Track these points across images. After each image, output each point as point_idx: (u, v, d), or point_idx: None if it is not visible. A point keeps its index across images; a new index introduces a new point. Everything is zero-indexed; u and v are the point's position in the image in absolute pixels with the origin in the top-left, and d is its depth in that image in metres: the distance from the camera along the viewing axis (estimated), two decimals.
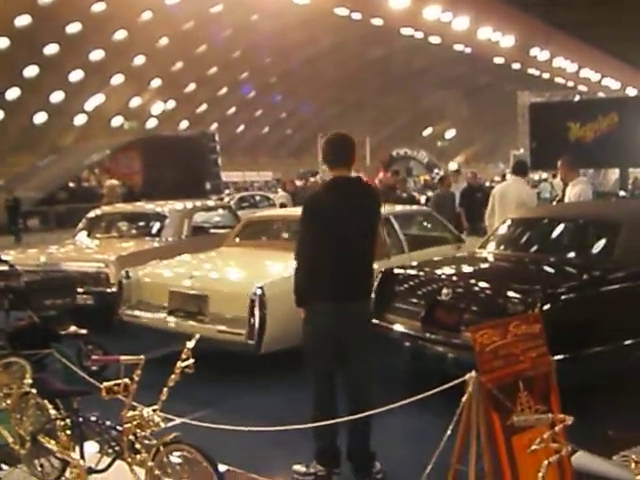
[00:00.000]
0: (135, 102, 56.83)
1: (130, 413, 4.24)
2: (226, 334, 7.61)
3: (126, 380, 4.19)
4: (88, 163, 35.63)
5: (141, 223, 12.30)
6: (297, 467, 5.23)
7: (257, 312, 7.43)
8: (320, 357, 5.24)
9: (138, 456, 4.24)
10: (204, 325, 7.81)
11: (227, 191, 38.94)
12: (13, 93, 48.55)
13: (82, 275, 9.61)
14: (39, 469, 4.98)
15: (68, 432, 4.71)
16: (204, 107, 61.91)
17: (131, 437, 4.25)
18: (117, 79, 53.13)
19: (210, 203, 14.55)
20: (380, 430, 5.29)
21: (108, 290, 9.67)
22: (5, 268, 8.29)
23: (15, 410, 5.11)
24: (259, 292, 7.45)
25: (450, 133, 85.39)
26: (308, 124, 68.80)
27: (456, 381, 4.25)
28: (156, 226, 11.64)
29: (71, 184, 34.46)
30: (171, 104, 59.10)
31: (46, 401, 4.81)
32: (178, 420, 4.56)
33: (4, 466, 5.20)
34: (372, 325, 5.63)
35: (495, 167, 68.02)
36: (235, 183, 54.81)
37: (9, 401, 5.26)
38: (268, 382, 7.59)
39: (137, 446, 4.24)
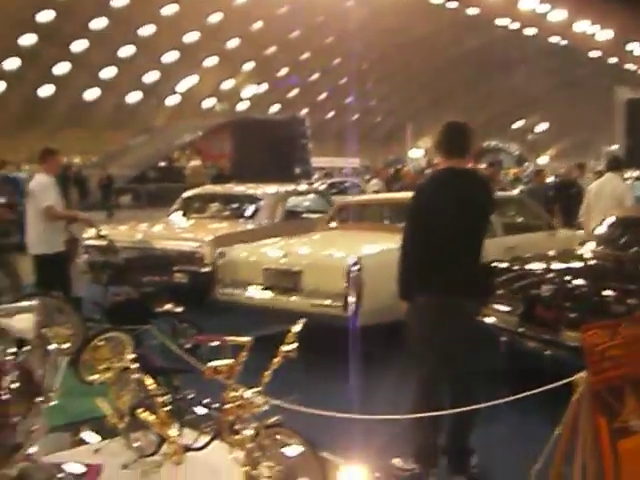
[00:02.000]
0: (227, 85, 57.40)
1: (232, 394, 4.25)
2: (322, 307, 7.72)
3: (231, 361, 4.19)
4: (179, 143, 36.13)
5: (235, 205, 12.39)
6: (396, 461, 5.12)
7: (354, 284, 7.50)
8: (425, 352, 5.08)
9: (237, 437, 4.25)
10: (299, 300, 7.96)
11: (315, 176, 39.01)
12: (109, 72, 49.55)
13: (177, 254, 9.75)
14: (135, 443, 5.05)
15: (167, 408, 4.75)
16: (295, 92, 62.10)
17: (231, 418, 4.26)
18: (210, 61, 53.72)
19: (303, 188, 14.58)
20: (479, 426, 5.19)
21: (202, 270, 9.78)
22: (103, 243, 8.49)
23: (115, 384, 5.18)
24: (356, 264, 7.54)
25: (541, 127, 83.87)
26: (398, 112, 68.45)
27: (565, 380, 4.13)
28: (250, 209, 11.72)
29: (162, 163, 35.01)
30: (263, 87, 59.46)
31: (147, 377, 4.87)
32: (278, 403, 4.52)
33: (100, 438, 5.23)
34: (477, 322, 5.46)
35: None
36: (322, 169, 54.90)
37: (109, 375, 5.34)
38: (362, 365, 7.51)
39: (237, 427, 4.25)
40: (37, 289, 7.72)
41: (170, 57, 51.04)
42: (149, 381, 4.83)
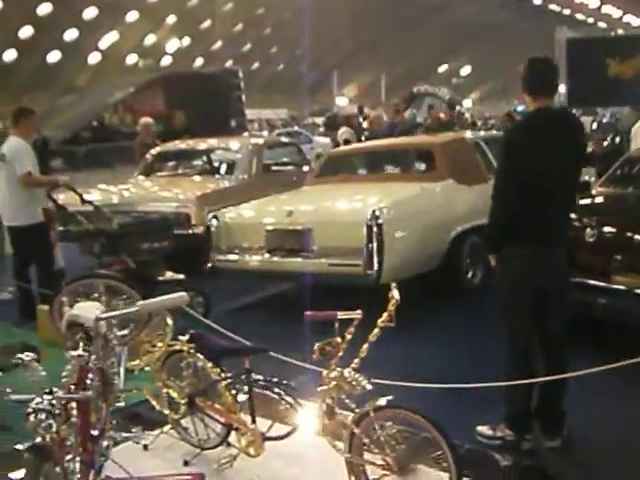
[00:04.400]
0: (150, 40, 55.64)
1: (333, 374, 3.69)
2: (340, 267, 7.21)
3: (338, 339, 3.62)
4: (110, 101, 34.77)
5: (210, 160, 11.70)
6: (482, 429, 4.67)
7: (375, 239, 7.00)
8: (518, 309, 4.62)
9: (338, 421, 3.71)
10: (311, 260, 7.42)
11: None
12: (26, 31, 47.45)
13: (162, 216, 9.02)
14: (194, 435, 4.46)
15: (234, 394, 4.17)
16: (219, 44, 60.67)
17: (330, 402, 3.71)
18: (131, 16, 51.90)
19: (276, 139, 13.91)
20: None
21: (190, 231, 9.13)
22: (89, 209, 7.75)
23: (162, 370, 4.54)
24: (375, 217, 7.04)
25: (465, 70, 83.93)
26: (323, 61, 67.56)
27: None
28: (227, 164, 11.08)
29: (94, 123, 33.71)
30: (186, 41, 57.88)
31: (205, 359, 4.26)
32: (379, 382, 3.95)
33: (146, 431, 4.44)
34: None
35: (508, 105, 67.03)
36: (251, 121, 53.96)
37: (154, 359, 4.70)
38: (425, 330, 7.04)
39: (337, 411, 3.70)
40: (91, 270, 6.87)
41: (89, 13, 49.06)
42: (209, 364, 4.23)
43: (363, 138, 14.63)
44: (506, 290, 4.67)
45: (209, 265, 8.18)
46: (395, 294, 3.80)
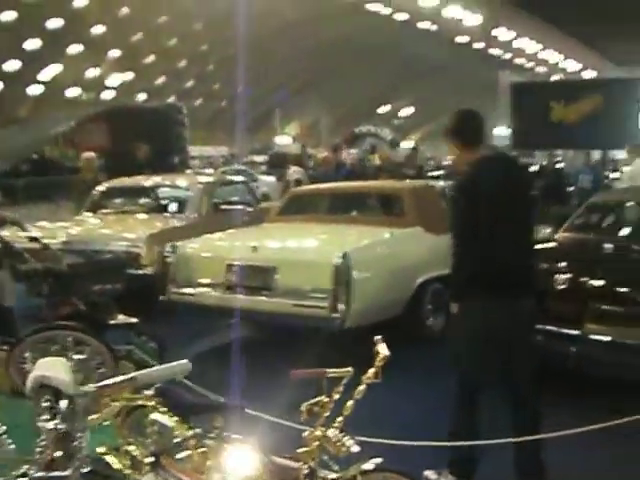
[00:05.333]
0: (92, 73, 55.02)
1: (315, 433, 3.42)
2: (304, 308, 7.02)
3: (325, 398, 3.35)
4: (52, 134, 34.11)
5: (157, 198, 11.38)
6: (428, 473, 4.63)
7: (343, 281, 6.85)
8: (473, 361, 4.56)
9: None
10: (273, 299, 7.24)
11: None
12: None
13: (112, 255, 8.70)
14: None
15: (202, 451, 3.85)
16: (162, 79, 60.31)
17: (312, 464, 3.43)
18: (75, 49, 51.28)
19: (228, 178, 13.65)
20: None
21: (140, 272, 8.79)
22: (36, 247, 7.37)
23: (124, 426, 4.20)
24: (343, 259, 6.91)
25: (406, 111, 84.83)
26: (265, 99, 67.69)
27: None
28: (177, 202, 10.80)
29: (34, 156, 33.02)
30: (129, 76, 57.39)
31: (172, 415, 3.93)
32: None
33: None
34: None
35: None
36: (193, 158, 53.61)
37: (106, 411, 4.34)
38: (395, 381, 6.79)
39: (321, 475, 3.42)
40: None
41: (32, 45, 48.32)
42: (176, 421, 3.90)
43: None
44: (463, 340, 4.62)
45: (163, 298, 7.89)
46: (383, 349, 3.57)
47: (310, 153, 28.47)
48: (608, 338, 5.89)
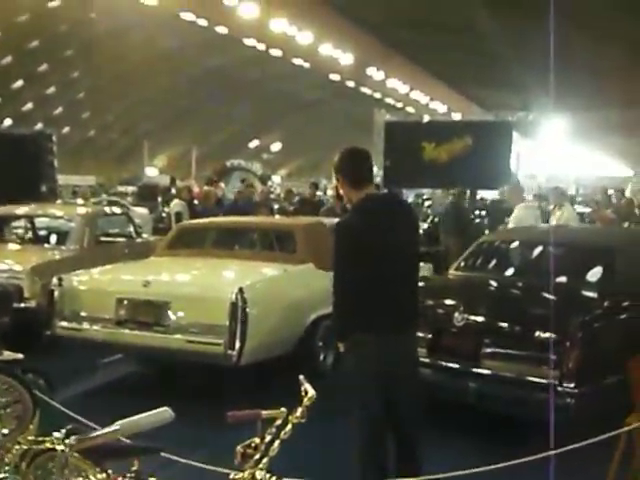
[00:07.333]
0: None
1: (240, 475, 3.32)
2: (199, 344, 6.89)
3: (257, 439, 3.26)
4: None
5: (33, 228, 10.97)
6: None
7: (238, 317, 6.75)
8: (368, 395, 4.58)
9: None
10: (166, 335, 7.06)
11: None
12: None
13: None
14: None
15: None
16: (29, 105, 58.63)
17: None
18: None
19: (110, 209, 13.29)
20: None
21: (22, 305, 8.43)
22: None
23: (28, 471, 3.94)
24: (240, 294, 6.81)
25: (276, 146, 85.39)
26: (134, 129, 66.87)
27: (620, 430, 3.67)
28: (57, 233, 10.45)
29: None
30: None
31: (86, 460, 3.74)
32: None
33: None
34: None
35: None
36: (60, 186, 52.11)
37: (10, 456, 4.08)
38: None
39: None
40: None
41: None
42: (89, 465, 3.71)
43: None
44: (354, 377, 4.63)
45: (49, 332, 7.59)
46: (309, 389, 3.53)
47: (181, 185, 28.05)
48: (504, 374, 6.02)
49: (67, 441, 3.67)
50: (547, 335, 5.79)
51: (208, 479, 3.98)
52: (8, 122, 56.74)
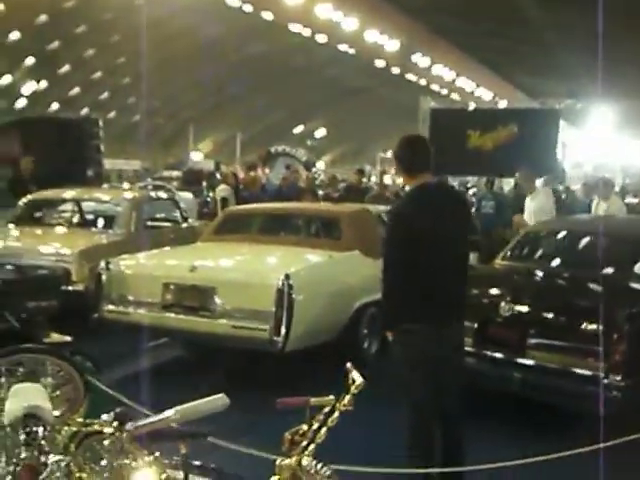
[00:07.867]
0: (5, 80, 53.65)
1: (286, 461, 3.33)
2: (244, 330, 6.93)
3: (305, 426, 3.28)
4: None
5: (85, 212, 11.11)
6: None
7: (284, 303, 6.78)
8: (416, 384, 4.60)
9: None
10: (211, 320, 7.12)
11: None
12: None
13: (42, 271, 8.39)
14: None
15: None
16: (77, 90, 59.22)
17: None
18: None
19: (156, 194, 13.41)
20: None
21: (70, 288, 8.54)
22: None
23: (77, 454, 3.99)
24: (286, 281, 6.84)
25: (320, 132, 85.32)
26: (180, 114, 67.20)
27: None
28: (105, 217, 10.56)
29: None
30: (43, 85, 56.16)
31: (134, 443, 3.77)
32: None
33: None
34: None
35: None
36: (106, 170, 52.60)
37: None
38: None
39: None
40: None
41: None
42: (137, 448, 3.74)
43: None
44: (410, 367, 4.62)
45: (96, 316, 7.68)
46: (357, 377, 3.51)
47: (227, 171, 28.12)
48: (549, 365, 5.98)
49: (124, 426, 3.74)
50: (593, 327, 5.74)
51: (255, 465, 4.00)
52: (55, 106, 57.57)
